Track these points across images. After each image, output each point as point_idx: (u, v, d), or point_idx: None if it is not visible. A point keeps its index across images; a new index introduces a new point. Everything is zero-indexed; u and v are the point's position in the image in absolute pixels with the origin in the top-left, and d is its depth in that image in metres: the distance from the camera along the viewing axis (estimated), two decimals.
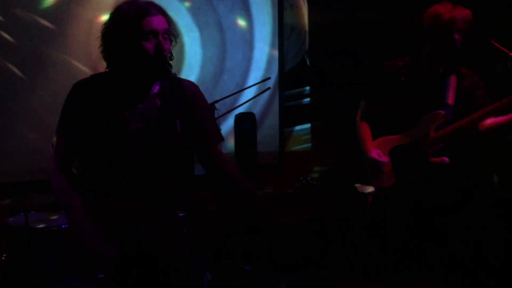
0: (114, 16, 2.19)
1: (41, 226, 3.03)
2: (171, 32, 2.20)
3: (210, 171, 2.38)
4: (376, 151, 2.93)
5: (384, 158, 2.89)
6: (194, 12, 4.65)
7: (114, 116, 2.19)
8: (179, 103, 2.17)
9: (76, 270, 2.67)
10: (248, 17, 4.88)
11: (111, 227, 2.15)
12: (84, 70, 4.16)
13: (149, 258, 2.16)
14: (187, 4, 4.62)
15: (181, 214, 2.16)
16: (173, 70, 2.12)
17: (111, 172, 2.19)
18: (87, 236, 2.10)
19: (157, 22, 2.14)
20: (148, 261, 2.15)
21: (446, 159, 2.76)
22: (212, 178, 2.38)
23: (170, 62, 2.22)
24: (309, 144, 5.20)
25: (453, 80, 2.85)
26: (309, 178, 2.22)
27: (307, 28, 5.16)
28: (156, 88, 2.25)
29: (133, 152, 2.19)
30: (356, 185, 3.49)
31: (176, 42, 2.26)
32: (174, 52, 2.28)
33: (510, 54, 2.66)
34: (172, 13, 2.29)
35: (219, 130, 2.46)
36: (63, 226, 3.02)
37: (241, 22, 4.86)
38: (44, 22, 4.10)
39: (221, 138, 2.42)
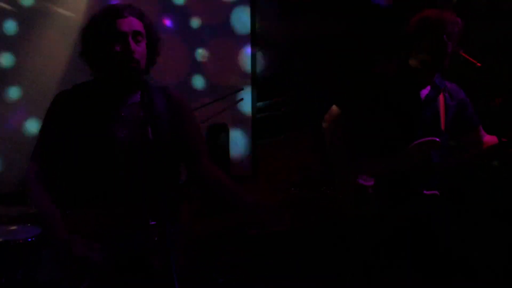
0: (91, 19, 2.19)
1: (6, 239, 2.95)
2: (146, 35, 2.16)
3: (200, 182, 2.36)
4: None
5: (370, 182, 2.69)
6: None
7: (97, 124, 2.16)
8: (163, 111, 2.14)
9: (44, 283, 2.61)
10: (223, 28, 4.88)
11: (94, 235, 2.11)
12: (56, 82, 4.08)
13: (125, 266, 2.12)
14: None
15: (153, 223, 2.13)
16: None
17: (95, 181, 2.15)
18: (71, 242, 2.07)
19: (126, 24, 2.11)
20: (123, 269, 2.12)
21: (437, 192, 2.69)
22: (202, 188, 2.35)
23: (152, 66, 2.22)
24: (282, 155, 5.19)
25: (441, 100, 2.74)
26: (298, 188, 2.20)
27: (279, 39, 5.17)
28: (137, 97, 2.21)
29: (117, 161, 2.15)
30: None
31: (157, 45, 2.22)
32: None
33: (478, 64, 2.67)
34: None
35: (204, 143, 2.42)
36: (29, 239, 2.95)
37: (214, 31, 4.85)
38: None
39: (207, 150, 2.39)
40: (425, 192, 2.69)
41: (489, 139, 2.83)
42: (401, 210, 2.68)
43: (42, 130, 2.22)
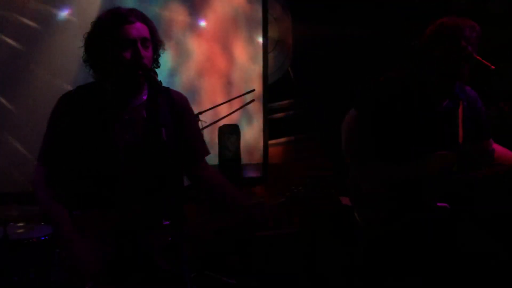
0: (95, 24, 2.18)
1: (20, 237, 2.98)
2: (152, 40, 2.18)
3: (198, 184, 2.38)
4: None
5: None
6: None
7: (102, 127, 2.17)
8: (166, 112, 2.16)
9: (56, 282, 2.64)
10: (234, 29, 4.89)
11: (99, 236, 2.14)
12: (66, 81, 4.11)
13: (133, 267, 2.14)
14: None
15: (166, 223, 2.16)
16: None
17: (100, 183, 2.18)
18: (74, 248, 2.10)
19: (135, 30, 2.11)
20: (131, 270, 2.14)
21: (447, 205, 2.63)
22: (200, 191, 2.37)
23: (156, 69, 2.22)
24: (293, 157, 5.19)
25: (460, 112, 2.67)
26: (300, 187, 2.20)
27: (291, 41, 5.18)
28: (143, 98, 2.23)
29: (122, 163, 2.17)
30: (340, 197, 3.45)
31: (161, 49, 2.24)
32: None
33: (492, 67, 2.61)
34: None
35: (205, 143, 2.45)
36: (42, 238, 2.97)
37: (226, 33, 4.87)
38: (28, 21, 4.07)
39: (207, 152, 2.41)
40: (438, 204, 2.66)
41: (503, 150, 2.80)
42: (411, 220, 2.66)
43: (47, 132, 2.24)
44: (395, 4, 4.74)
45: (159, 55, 2.26)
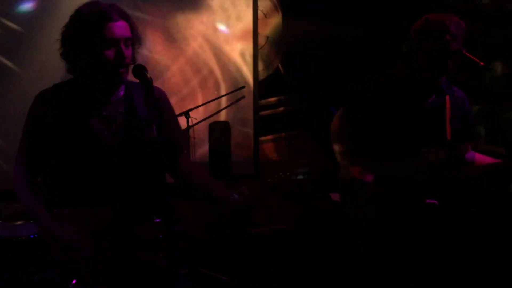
0: (75, 19, 2.12)
1: (9, 235, 2.94)
2: (133, 39, 2.15)
3: (177, 177, 2.36)
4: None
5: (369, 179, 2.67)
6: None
7: (80, 124, 2.14)
8: (150, 108, 2.13)
9: (46, 280, 2.61)
10: (224, 25, 4.87)
11: (93, 235, 2.11)
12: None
13: (126, 265, 2.12)
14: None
15: (157, 220, 2.14)
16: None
17: (82, 181, 2.14)
18: (63, 234, 2.07)
19: (118, 29, 2.07)
20: (124, 267, 2.12)
21: (436, 202, 2.65)
22: (181, 185, 2.36)
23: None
24: (284, 153, 5.19)
25: (448, 109, 2.72)
26: (286, 172, 2.20)
27: (281, 38, 5.17)
28: (120, 94, 2.20)
29: (104, 160, 2.14)
30: (330, 194, 3.46)
31: (139, 45, 2.20)
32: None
33: (481, 63, 2.65)
34: None
35: (184, 136, 2.43)
36: (32, 236, 2.94)
37: (216, 30, 4.84)
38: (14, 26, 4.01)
39: (186, 146, 2.39)
40: (427, 201, 2.67)
41: (482, 157, 2.82)
42: (401, 216, 2.67)
43: (25, 132, 2.20)
44: (387, 2, 4.75)
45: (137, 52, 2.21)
